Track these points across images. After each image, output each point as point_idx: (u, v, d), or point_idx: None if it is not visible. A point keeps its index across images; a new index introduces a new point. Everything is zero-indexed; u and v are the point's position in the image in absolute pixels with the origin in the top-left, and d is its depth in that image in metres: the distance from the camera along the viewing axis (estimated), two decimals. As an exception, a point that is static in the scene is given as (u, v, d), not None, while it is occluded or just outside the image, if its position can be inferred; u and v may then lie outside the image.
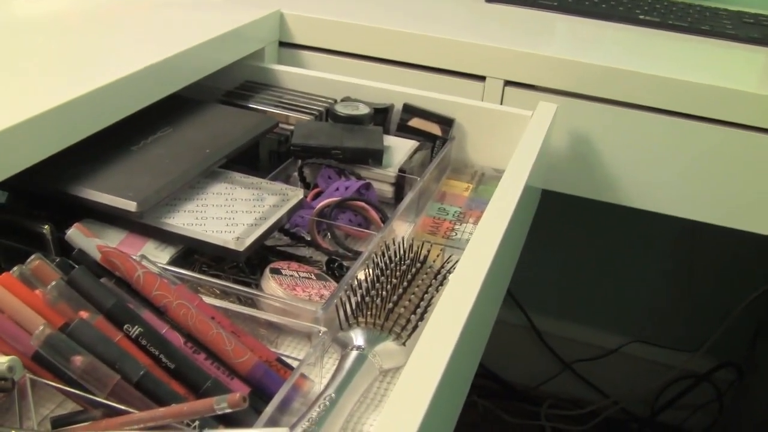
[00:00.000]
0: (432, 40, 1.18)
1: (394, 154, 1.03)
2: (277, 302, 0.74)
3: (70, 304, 0.63)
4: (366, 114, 1.06)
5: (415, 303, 0.75)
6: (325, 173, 0.99)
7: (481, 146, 1.11)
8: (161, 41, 1.01)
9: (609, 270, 2.00)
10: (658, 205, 1.17)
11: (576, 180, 1.19)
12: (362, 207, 0.94)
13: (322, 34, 1.23)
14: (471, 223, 0.98)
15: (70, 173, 0.83)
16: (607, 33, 1.31)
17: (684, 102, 1.09)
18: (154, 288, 0.67)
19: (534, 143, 0.96)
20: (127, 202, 0.79)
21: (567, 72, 1.13)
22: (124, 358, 0.60)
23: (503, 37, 1.20)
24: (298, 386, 0.66)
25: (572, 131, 1.15)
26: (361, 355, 0.69)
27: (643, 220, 1.86)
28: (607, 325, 2.07)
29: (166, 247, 0.81)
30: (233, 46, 1.12)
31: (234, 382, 0.64)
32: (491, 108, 1.10)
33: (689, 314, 1.98)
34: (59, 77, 0.86)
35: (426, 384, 0.54)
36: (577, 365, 2.12)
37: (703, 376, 2.00)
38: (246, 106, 1.09)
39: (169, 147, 0.92)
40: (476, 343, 0.79)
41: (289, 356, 0.73)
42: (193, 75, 1.02)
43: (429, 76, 1.20)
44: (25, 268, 0.65)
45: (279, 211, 0.86)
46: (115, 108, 0.87)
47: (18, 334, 0.60)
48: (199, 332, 0.66)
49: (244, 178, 0.92)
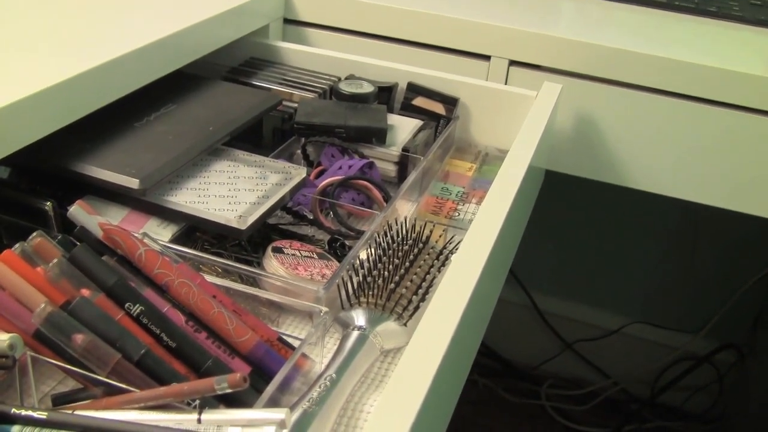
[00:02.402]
0: (437, 19, 1.17)
1: (397, 133, 1.02)
2: (279, 281, 0.74)
3: (71, 281, 0.63)
4: (370, 92, 1.06)
5: (417, 283, 0.75)
6: (328, 152, 0.99)
7: (485, 126, 1.11)
8: (165, 17, 1.00)
9: (611, 250, 2.00)
10: (662, 187, 1.17)
11: (580, 161, 1.19)
12: (365, 186, 0.94)
13: (327, 11, 1.22)
14: (474, 203, 0.97)
15: (72, 150, 0.83)
16: (613, 14, 1.30)
17: (689, 84, 1.09)
18: (155, 266, 0.67)
19: (538, 124, 0.95)
20: (130, 180, 0.79)
21: (572, 52, 1.12)
22: (125, 337, 0.60)
23: (508, 16, 1.19)
24: (299, 366, 0.66)
25: (577, 112, 1.15)
26: (363, 335, 0.69)
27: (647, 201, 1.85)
28: (609, 305, 2.08)
29: (168, 225, 0.81)
30: (237, 22, 1.11)
31: (235, 361, 0.65)
32: (496, 88, 1.09)
33: (691, 296, 1.99)
34: (62, 53, 0.85)
35: (427, 364, 0.54)
36: (578, 345, 2.13)
37: (703, 357, 2.01)
38: (250, 84, 1.09)
39: (173, 124, 0.92)
40: (478, 323, 0.79)
41: (291, 335, 0.73)
42: (198, 51, 1.02)
43: (433, 55, 1.20)
44: (27, 245, 0.65)
45: (282, 190, 0.86)
46: (118, 84, 0.87)
47: (19, 312, 0.60)
48: (201, 311, 0.66)
49: (247, 156, 0.91)
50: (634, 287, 2.03)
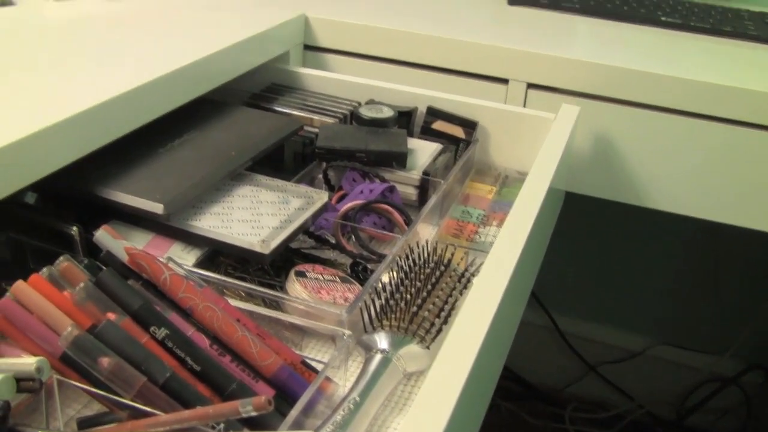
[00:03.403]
0: (455, 43, 1.18)
1: (417, 156, 1.03)
2: (302, 305, 0.75)
3: (97, 305, 0.64)
4: (390, 117, 1.06)
5: (439, 306, 0.76)
6: (349, 176, 0.99)
7: (505, 149, 1.11)
8: (189, 45, 1.01)
9: (634, 271, 2.00)
10: (682, 207, 1.17)
11: (599, 182, 1.19)
12: (386, 210, 0.94)
13: (347, 38, 1.23)
14: (495, 226, 0.98)
15: (98, 175, 0.84)
16: (629, 35, 1.30)
17: (707, 104, 1.09)
18: (180, 290, 0.67)
19: (557, 145, 0.96)
20: (155, 205, 0.80)
21: (590, 74, 1.13)
22: (151, 360, 0.61)
23: (526, 39, 1.20)
24: (322, 389, 0.66)
25: (595, 133, 1.15)
26: (386, 358, 0.69)
27: (667, 221, 1.85)
28: (633, 327, 2.07)
29: (192, 249, 0.82)
30: (259, 49, 1.13)
31: (259, 384, 0.65)
32: (514, 110, 1.10)
33: (715, 316, 1.97)
34: (88, 81, 0.87)
35: (451, 387, 0.54)
36: (602, 368, 2.11)
37: (730, 379, 1.99)
38: (271, 109, 1.10)
39: (196, 150, 0.93)
40: (501, 345, 0.79)
41: (314, 359, 0.73)
42: (220, 78, 1.03)
43: (452, 79, 1.21)
44: (54, 269, 0.66)
45: (304, 214, 0.87)
46: (142, 111, 0.88)
47: (46, 335, 0.61)
48: (225, 334, 0.66)
49: (269, 181, 0.92)
50: (658, 308, 2.02)
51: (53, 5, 1.15)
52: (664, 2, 1.45)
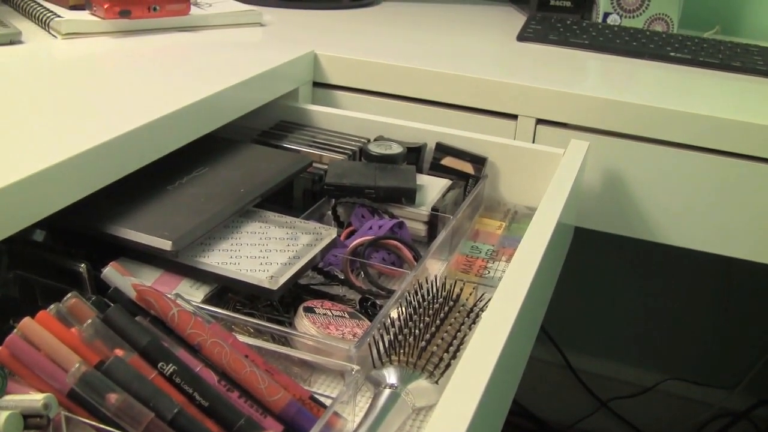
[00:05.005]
0: (464, 80, 1.18)
1: (427, 192, 1.03)
2: (311, 340, 0.75)
3: (105, 341, 0.64)
4: (399, 153, 1.07)
5: (448, 341, 0.75)
6: (358, 212, 1.00)
7: (514, 184, 1.11)
8: (198, 82, 1.02)
9: (644, 306, 1.99)
10: (693, 242, 1.16)
11: (609, 217, 1.19)
12: (395, 246, 0.94)
13: (355, 74, 1.24)
14: (504, 261, 0.98)
15: (106, 212, 0.84)
16: (638, 71, 1.31)
17: (717, 139, 1.09)
18: (188, 326, 0.67)
19: (566, 181, 0.96)
20: (163, 242, 0.80)
21: (599, 110, 1.13)
22: (159, 396, 0.61)
23: (534, 75, 1.21)
24: (331, 424, 0.66)
25: (604, 169, 1.15)
26: (394, 393, 0.69)
27: (678, 256, 1.85)
28: (644, 362, 2.05)
29: (200, 286, 0.82)
30: (268, 86, 1.13)
31: (267, 420, 0.65)
32: (523, 146, 1.10)
33: (726, 351, 1.96)
34: (96, 118, 0.87)
35: (459, 422, 0.54)
36: (613, 403, 2.10)
37: (741, 413, 1.97)
38: (280, 146, 1.10)
39: (205, 186, 0.93)
40: (509, 380, 0.78)
41: (323, 394, 0.73)
42: (229, 115, 1.04)
43: (461, 115, 1.21)
44: (62, 306, 0.66)
45: (313, 250, 0.87)
46: (151, 148, 0.89)
47: (54, 372, 0.61)
48: (233, 370, 0.66)
49: (278, 217, 0.93)
50: (668, 343, 2.01)
51: (62, 43, 1.16)
52: (673, 38, 1.46)
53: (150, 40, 1.22)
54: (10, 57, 1.07)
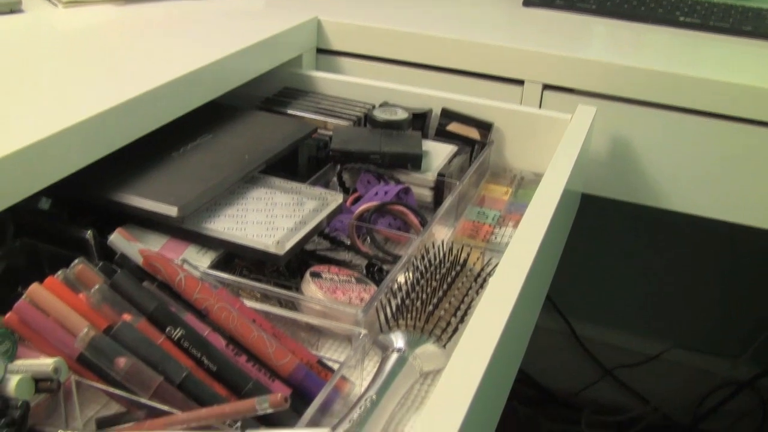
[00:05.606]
0: (470, 45, 1.17)
1: (432, 158, 1.03)
2: (318, 305, 0.75)
3: (113, 307, 0.64)
4: (404, 119, 1.06)
5: (455, 306, 0.75)
6: (364, 178, 0.99)
7: (520, 150, 1.11)
8: (201, 49, 1.02)
9: (650, 274, 1.99)
10: (700, 209, 1.16)
11: (615, 183, 1.18)
12: (401, 211, 0.94)
13: (360, 40, 1.23)
14: (510, 227, 0.97)
15: (111, 180, 0.84)
16: (646, 35, 1.30)
17: (725, 104, 1.08)
18: (195, 291, 0.67)
19: (573, 147, 0.95)
20: (169, 208, 0.80)
21: (606, 75, 1.12)
22: (167, 360, 0.61)
23: (541, 40, 1.20)
24: (338, 388, 0.66)
25: (611, 134, 1.15)
26: (402, 357, 0.69)
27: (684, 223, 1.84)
28: (648, 330, 2.05)
29: (206, 252, 0.82)
30: (271, 53, 1.13)
31: (275, 384, 0.65)
32: (530, 112, 1.10)
33: (731, 320, 1.96)
34: (99, 85, 0.87)
35: (466, 386, 0.54)
36: (617, 371, 2.10)
37: (746, 383, 1.98)
38: (285, 113, 1.10)
39: (209, 153, 0.93)
40: (516, 346, 0.78)
41: (330, 359, 0.73)
42: (233, 82, 1.03)
43: (467, 81, 1.20)
44: (69, 272, 0.66)
45: (319, 216, 0.86)
46: (155, 115, 0.88)
47: (63, 337, 0.61)
48: (241, 335, 0.66)
49: (283, 183, 0.92)
50: (673, 311, 2.01)
51: (62, 11, 1.15)
52: (682, 2, 1.44)
53: (152, 8, 1.21)
54: (10, 25, 1.07)
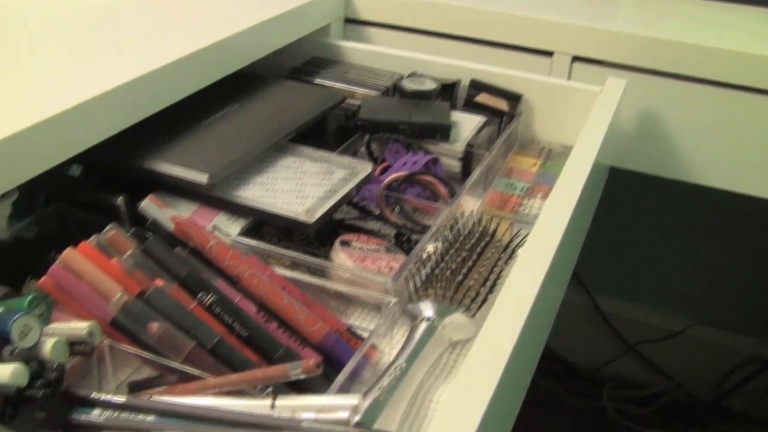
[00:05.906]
0: (499, 16, 1.17)
1: (461, 129, 1.02)
2: (348, 273, 0.75)
3: (145, 272, 0.64)
4: (433, 89, 1.06)
5: (484, 276, 0.75)
6: (392, 148, 0.99)
7: (549, 122, 1.10)
8: (229, 18, 1.01)
9: (675, 250, 1.98)
10: (729, 183, 1.15)
11: (644, 157, 1.17)
12: (430, 181, 0.94)
13: (388, 10, 1.23)
14: (539, 199, 0.97)
15: (141, 147, 0.84)
16: (677, 7, 1.28)
17: (758, 77, 1.07)
18: (226, 258, 0.68)
19: (603, 119, 0.95)
20: (199, 175, 0.80)
21: (636, 47, 1.11)
22: (199, 326, 0.61)
23: (571, 11, 1.19)
24: (368, 356, 0.66)
25: (641, 107, 1.14)
26: (431, 326, 0.69)
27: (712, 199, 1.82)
28: (673, 306, 2.05)
29: (236, 220, 0.82)
30: (299, 22, 1.12)
31: (305, 350, 0.65)
32: (559, 83, 1.09)
33: (756, 297, 1.95)
34: (129, 54, 0.87)
35: (498, 356, 0.54)
36: (641, 347, 2.10)
37: (770, 360, 1.97)
38: (313, 82, 1.10)
39: (238, 122, 0.93)
40: (544, 319, 0.78)
41: (359, 327, 0.73)
42: (261, 51, 1.03)
43: (496, 52, 1.20)
44: (102, 238, 0.67)
45: (348, 185, 0.86)
46: (184, 84, 0.89)
47: (96, 301, 0.61)
48: (271, 302, 0.66)
49: (313, 152, 0.92)
50: (697, 288, 2.00)
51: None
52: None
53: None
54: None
